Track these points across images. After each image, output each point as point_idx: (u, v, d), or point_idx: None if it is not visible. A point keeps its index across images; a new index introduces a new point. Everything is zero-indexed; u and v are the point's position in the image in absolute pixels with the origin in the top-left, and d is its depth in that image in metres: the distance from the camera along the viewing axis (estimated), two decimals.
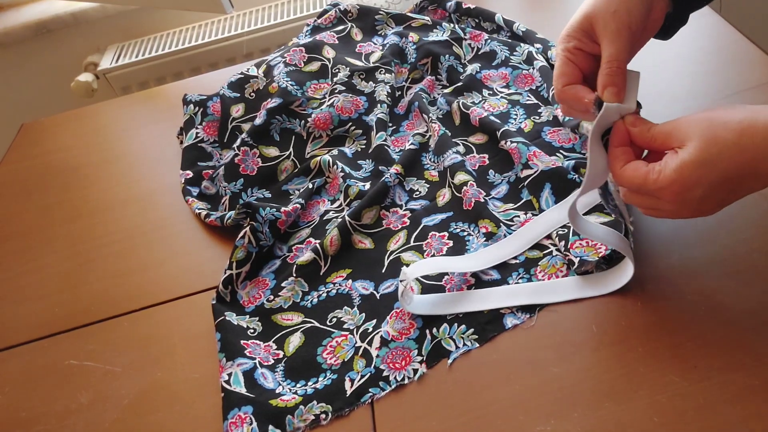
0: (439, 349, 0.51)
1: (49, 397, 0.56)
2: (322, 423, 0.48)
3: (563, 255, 0.54)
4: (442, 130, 0.69)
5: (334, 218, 0.65)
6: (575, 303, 0.52)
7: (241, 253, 0.61)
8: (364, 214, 0.63)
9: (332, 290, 0.58)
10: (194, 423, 0.51)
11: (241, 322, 0.57)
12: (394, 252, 0.60)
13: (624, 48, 0.47)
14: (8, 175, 0.88)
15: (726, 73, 0.69)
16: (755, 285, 0.49)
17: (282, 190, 0.71)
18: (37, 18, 1.43)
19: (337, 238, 0.61)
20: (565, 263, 0.54)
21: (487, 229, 0.58)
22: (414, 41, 0.82)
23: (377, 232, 0.63)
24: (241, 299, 0.60)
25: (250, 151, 0.73)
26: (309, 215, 0.67)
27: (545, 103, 0.71)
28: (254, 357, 0.54)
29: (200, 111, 0.81)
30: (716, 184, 0.42)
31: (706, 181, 0.42)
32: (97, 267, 0.69)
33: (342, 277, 0.59)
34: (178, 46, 1.43)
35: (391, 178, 0.66)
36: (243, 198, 0.71)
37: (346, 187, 0.67)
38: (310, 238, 0.64)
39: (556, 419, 0.44)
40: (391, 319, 0.53)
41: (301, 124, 0.76)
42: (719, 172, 0.42)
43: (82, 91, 1.41)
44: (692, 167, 0.42)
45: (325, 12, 0.92)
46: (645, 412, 0.43)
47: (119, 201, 0.77)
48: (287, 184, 0.71)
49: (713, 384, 0.44)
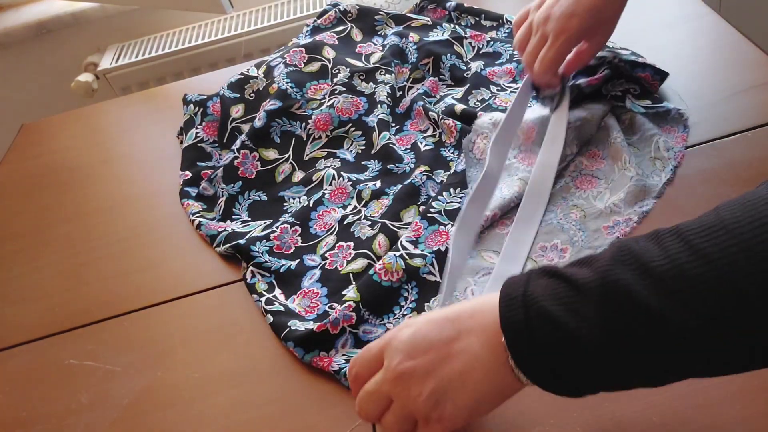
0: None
1: (49, 397, 0.56)
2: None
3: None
4: (459, 124, 0.69)
5: (355, 221, 0.64)
6: None
7: (263, 285, 0.60)
8: (403, 214, 0.63)
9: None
10: (194, 423, 0.51)
11: (307, 326, 0.55)
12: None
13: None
14: (8, 175, 0.88)
15: (726, 73, 0.69)
16: None
17: (278, 196, 0.71)
18: (37, 18, 1.44)
19: (384, 240, 0.60)
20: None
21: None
22: (414, 41, 0.82)
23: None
24: (296, 310, 0.58)
25: (249, 153, 0.73)
26: (324, 224, 0.66)
27: None
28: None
29: (200, 111, 0.81)
30: (434, 320, 0.40)
31: (422, 318, 0.41)
32: (97, 267, 0.69)
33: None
34: (178, 46, 1.43)
35: (418, 178, 0.65)
36: (239, 201, 0.70)
37: (358, 192, 0.67)
38: (340, 242, 0.63)
39: (555, 419, 0.44)
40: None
41: (302, 127, 0.76)
42: (436, 312, 0.41)
43: (82, 91, 1.41)
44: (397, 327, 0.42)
45: (325, 12, 0.92)
46: (644, 412, 0.43)
47: (119, 201, 0.77)
48: (285, 190, 0.71)
49: (713, 384, 0.44)
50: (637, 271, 0.33)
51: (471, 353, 0.38)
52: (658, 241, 0.34)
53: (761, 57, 0.69)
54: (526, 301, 0.36)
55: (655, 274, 0.32)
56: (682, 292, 0.32)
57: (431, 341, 0.39)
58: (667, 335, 0.32)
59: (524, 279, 0.38)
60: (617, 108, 0.66)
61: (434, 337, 0.39)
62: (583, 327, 0.34)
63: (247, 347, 0.56)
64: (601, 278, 0.34)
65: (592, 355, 0.34)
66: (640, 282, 0.33)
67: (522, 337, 0.36)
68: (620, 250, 0.35)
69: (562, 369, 0.35)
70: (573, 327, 0.34)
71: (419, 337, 0.40)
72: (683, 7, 0.81)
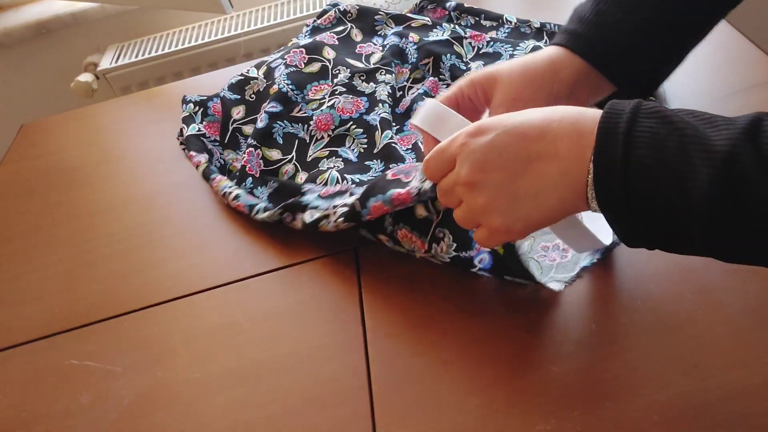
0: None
1: (50, 397, 0.56)
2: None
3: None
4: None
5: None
6: (574, 303, 0.52)
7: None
8: (416, 211, 0.63)
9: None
10: (194, 423, 0.51)
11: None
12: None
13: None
14: (8, 175, 0.88)
15: (726, 73, 0.69)
16: (754, 283, 0.49)
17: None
18: (37, 18, 1.43)
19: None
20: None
21: None
22: (414, 41, 0.82)
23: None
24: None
25: (255, 151, 0.73)
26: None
27: None
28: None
29: (200, 111, 0.81)
30: (512, 131, 0.40)
31: (501, 126, 0.40)
32: (97, 267, 0.69)
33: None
34: (177, 46, 1.43)
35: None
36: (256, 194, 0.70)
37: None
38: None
39: (556, 418, 0.44)
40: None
41: (305, 129, 0.76)
42: (517, 121, 0.40)
43: (82, 92, 1.41)
44: (489, 119, 0.42)
45: (325, 12, 0.92)
46: (645, 412, 0.43)
47: (119, 201, 0.77)
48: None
49: (713, 383, 0.44)
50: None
51: (548, 178, 0.39)
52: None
53: (761, 57, 0.69)
54: (626, 145, 0.36)
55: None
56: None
57: (507, 158, 0.40)
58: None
59: (630, 114, 0.37)
60: None
61: (510, 153, 0.40)
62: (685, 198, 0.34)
63: (247, 347, 0.56)
64: (728, 151, 0.33)
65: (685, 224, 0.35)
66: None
67: (614, 188, 0.36)
68: (753, 124, 0.34)
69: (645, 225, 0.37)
70: (674, 197, 0.35)
71: (495, 150, 0.40)
72: None
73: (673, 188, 0.35)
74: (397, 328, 0.54)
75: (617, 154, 0.36)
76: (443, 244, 0.53)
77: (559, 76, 0.53)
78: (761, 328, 0.46)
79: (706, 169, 0.34)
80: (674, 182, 0.35)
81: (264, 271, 0.63)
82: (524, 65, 0.54)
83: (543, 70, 0.53)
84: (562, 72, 0.53)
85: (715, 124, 0.35)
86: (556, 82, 0.53)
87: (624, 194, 0.36)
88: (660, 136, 0.35)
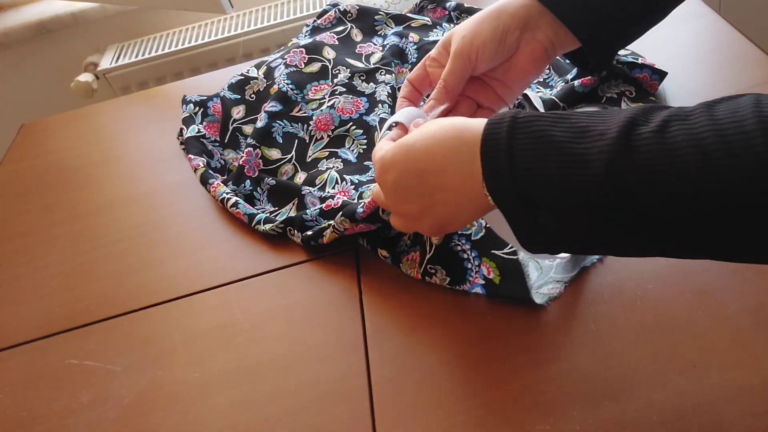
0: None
1: (49, 397, 0.56)
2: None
3: None
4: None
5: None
6: (574, 303, 0.52)
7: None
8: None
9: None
10: (194, 423, 0.51)
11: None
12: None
13: (454, 71, 0.54)
14: (8, 175, 0.88)
15: (726, 73, 0.69)
16: (754, 282, 0.49)
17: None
18: (37, 18, 1.44)
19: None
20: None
21: None
22: (414, 41, 0.82)
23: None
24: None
25: (253, 151, 0.73)
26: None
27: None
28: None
29: (200, 111, 0.81)
30: (408, 170, 0.44)
31: (400, 160, 0.44)
32: (97, 267, 0.69)
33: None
34: (177, 46, 1.43)
35: None
36: (257, 196, 0.71)
37: (360, 194, 0.67)
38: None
39: (555, 418, 0.44)
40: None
41: (304, 128, 0.76)
42: (411, 157, 0.44)
43: (82, 91, 1.42)
44: (396, 146, 0.45)
45: (325, 12, 0.92)
46: (644, 411, 0.43)
47: (119, 201, 0.77)
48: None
49: (712, 383, 0.44)
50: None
51: (453, 203, 0.44)
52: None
53: (761, 57, 0.69)
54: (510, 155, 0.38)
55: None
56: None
57: (414, 194, 0.45)
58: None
59: (506, 133, 0.39)
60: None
61: (414, 192, 0.45)
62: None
63: (247, 347, 0.56)
64: (606, 164, 0.36)
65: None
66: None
67: (501, 171, 0.39)
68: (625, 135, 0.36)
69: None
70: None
71: (400, 188, 0.45)
72: (683, 6, 0.80)
73: (566, 165, 0.37)
74: (397, 328, 0.54)
75: (503, 145, 0.39)
76: (436, 279, 0.55)
77: (505, 7, 0.54)
78: (760, 328, 0.46)
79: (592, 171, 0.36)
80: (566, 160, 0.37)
81: (264, 271, 0.63)
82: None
83: (490, 8, 0.55)
84: (509, 6, 0.54)
85: (588, 136, 0.37)
86: (503, 13, 0.54)
87: (509, 167, 0.38)
88: (540, 155, 0.38)
